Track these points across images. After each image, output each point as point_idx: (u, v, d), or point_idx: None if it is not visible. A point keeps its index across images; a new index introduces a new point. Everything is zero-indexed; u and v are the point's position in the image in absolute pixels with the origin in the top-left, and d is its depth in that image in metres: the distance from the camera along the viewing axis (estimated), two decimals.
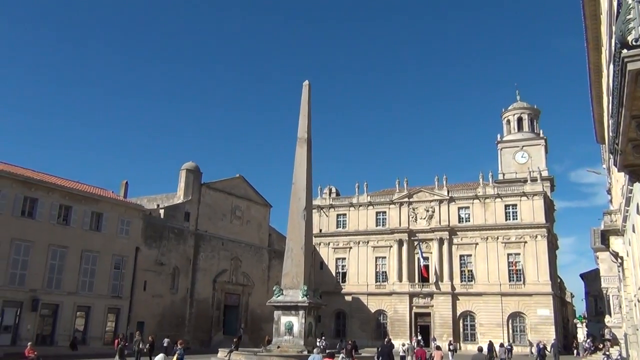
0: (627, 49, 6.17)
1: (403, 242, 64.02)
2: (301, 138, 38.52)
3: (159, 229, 49.81)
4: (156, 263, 48.78)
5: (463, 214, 63.10)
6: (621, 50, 6.26)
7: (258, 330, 56.41)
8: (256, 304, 58.27)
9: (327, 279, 65.57)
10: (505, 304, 58.30)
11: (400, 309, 62.42)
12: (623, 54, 6.20)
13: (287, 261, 36.46)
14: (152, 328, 45.12)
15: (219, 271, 55.80)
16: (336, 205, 69.76)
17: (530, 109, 78.39)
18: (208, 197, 55.86)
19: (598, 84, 23.24)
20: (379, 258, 65.82)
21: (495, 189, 62.43)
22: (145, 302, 46.76)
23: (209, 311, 54.27)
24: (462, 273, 61.40)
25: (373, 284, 65.19)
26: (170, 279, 50.40)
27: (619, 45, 6.36)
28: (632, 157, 8.21)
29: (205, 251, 54.61)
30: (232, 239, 57.75)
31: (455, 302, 60.46)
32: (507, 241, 59.92)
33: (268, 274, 61.86)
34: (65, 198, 40.88)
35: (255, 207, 62.34)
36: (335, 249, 68.20)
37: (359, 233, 67.03)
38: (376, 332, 61.31)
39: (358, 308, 64.73)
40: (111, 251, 43.74)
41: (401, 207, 65.56)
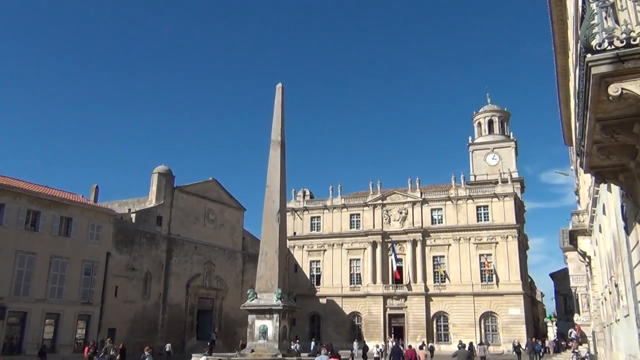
0: (591, 54, 6.30)
1: (377, 244, 64.35)
2: (275, 141, 38.40)
3: (131, 233, 49.10)
4: (128, 268, 48.06)
5: (436, 216, 63.72)
6: (586, 54, 6.39)
7: (232, 335, 56.02)
8: (230, 308, 57.89)
9: (301, 282, 65.50)
10: (477, 304, 59.07)
11: (374, 310, 62.70)
12: (587, 59, 6.34)
13: (261, 264, 36.23)
14: (124, 334, 44.46)
15: (192, 275, 55.23)
16: (310, 208, 69.75)
17: (501, 111, 79.64)
18: (181, 200, 55.29)
19: (566, 87, 23.72)
20: (353, 260, 66.03)
21: (467, 190, 63.24)
22: (117, 308, 46.01)
23: (182, 316, 53.68)
24: (435, 274, 61.96)
25: (347, 286, 65.35)
26: (142, 284, 49.72)
27: (583, 49, 6.50)
28: (597, 159, 8.38)
29: (178, 255, 54.03)
30: (206, 242, 57.27)
31: (429, 303, 60.99)
32: (479, 242, 60.74)
33: (242, 278, 61.53)
34: (33, 203, 39.99)
35: (229, 210, 61.95)
36: (310, 252, 68.18)
37: (333, 235, 67.15)
38: (351, 334, 61.46)
39: (332, 310, 64.81)
40: (81, 257, 42.93)
41: (375, 209, 65.91)
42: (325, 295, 65.68)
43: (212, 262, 57.84)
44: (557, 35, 21.16)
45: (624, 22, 6.44)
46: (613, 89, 6.19)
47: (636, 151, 7.62)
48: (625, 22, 6.40)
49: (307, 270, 67.72)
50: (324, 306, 65.35)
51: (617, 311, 13.79)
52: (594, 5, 6.61)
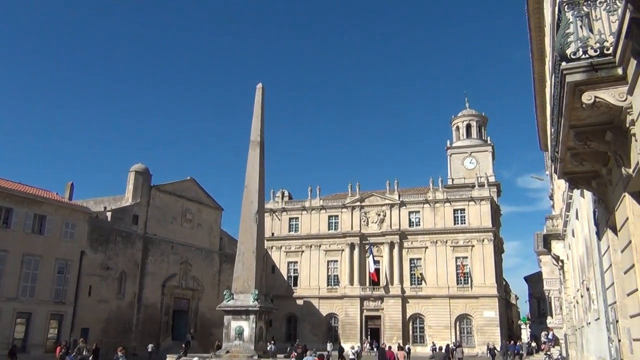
0: (566, 62, 6.44)
1: (355, 245, 64.55)
2: (254, 141, 38.25)
3: (106, 232, 48.45)
4: (102, 267, 47.41)
5: (413, 218, 64.18)
6: (561, 62, 6.53)
7: (208, 336, 55.62)
8: (206, 309, 57.48)
9: (278, 283, 65.38)
10: (453, 306, 59.63)
11: (351, 312, 62.87)
12: (562, 67, 6.47)
13: (238, 265, 36.08)
14: (97, 334, 43.82)
15: (168, 275, 54.71)
16: (289, 209, 69.68)
17: (479, 116, 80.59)
18: (158, 199, 54.74)
19: (542, 93, 24.11)
20: (331, 262, 66.14)
21: (444, 194, 63.83)
22: (90, 307, 45.32)
23: (157, 316, 53.11)
24: (412, 276, 62.40)
25: (325, 287, 65.43)
26: (116, 284, 49.09)
27: (558, 57, 6.64)
28: (571, 165, 8.55)
29: (154, 255, 53.46)
30: (182, 242, 56.80)
31: (405, 305, 61.39)
32: (456, 245, 61.34)
33: (219, 278, 61.13)
34: (5, 200, 39.19)
35: (207, 210, 61.53)
36: (288, 253, 68.10)
37: (311, 237, 67.16)
38: (327, 336, 61.54)
39: (309, 312, 64.80)
40: (54, 255, 42.20)
41: (353, 211, 66.11)
42: (302, 297, 65.65)
43: (189, 262, 57.39)
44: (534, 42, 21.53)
45: (598, 31, 6.60)
46: (587, 97, 6.33)
47: (608, 158, 7.80)
48: (599, 31, 6.55)
49: (285, 271, 67.62)
50: (301, 307, 65.31)
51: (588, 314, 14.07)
52: (569, 14, 6.76)
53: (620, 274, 7.95)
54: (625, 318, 7.82)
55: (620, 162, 6.90)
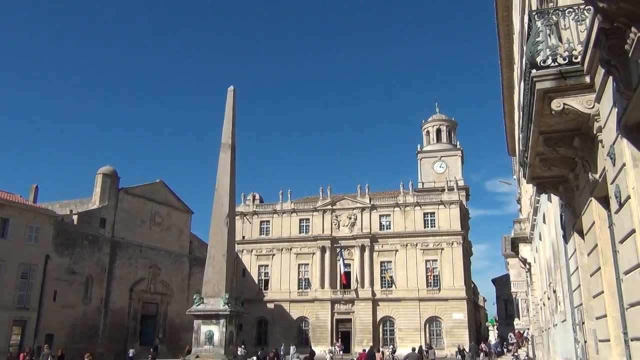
0: (536, 69, 6.58)
1: (326, 249, 64.61)
2: (225, 144, 38.05)
3: (72, 235, 47.42)
4: (68, 272, 46.37)
5: (384, 222, 64.59)
6: (531, 70, 6.67)
7: (177, 340, 54.87)
8: (175, 313, 56.74)
9: (249, 286, 64.94)
10: (423, 308, 60.16)
11: (322, 315, 62.84)
12: (532, 74, 6.61)
13: (209, 269, 35.74)
14: (63, 340, 42.81)
15: (137, 280, 53.84)
16: (260, 212, 69.35)
17: (448, 121, 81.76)
18: (126, 202, 53.87)
19: (510, 100, 24.59)
20: (302, 265, 66.03)
21: (414, 197, 64.45)
22: (55, 313, 44.27)
23: (124, 321, 52.18)
24: (383, 279, 62.75)
25: (295, 290, 65.25)
26: (83, 289, 48.09)
27: (529, 65, 6.78)
28: (539, 170, 8.74)
29: (122, 259, 52.56)
30: (151, 246, 55.95)
31: (376, 307, 61.67)
32: (426, 248, 61.96)
33: (188, 282, 60.44)
34: None
35: (176, 213, 60.81)
36: (259, 256, 67.73)
37: (282, 240, 66.93)
38: (298, 339, 61.35)
39: (280, 315, 64.52)
40: (18, 259, 41.12)
41: (324, 215, 66.18)
42: (273, 300, 65.31)
43: (158, 266, 56.58)
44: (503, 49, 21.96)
45: (567, 40, 6.77)
46: (556, 104, 6.48)
47: (575, 164, 7.99)
48: (568, 40, 6.72)
49: (255, 275, 67.22)
50: (272, 311, 64.97)
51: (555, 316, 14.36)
52: (539, 23, 6.91)
53: (587, 276, 8.14)
54: (591, 320, 8.01)
55: (587, 168, 7.08)
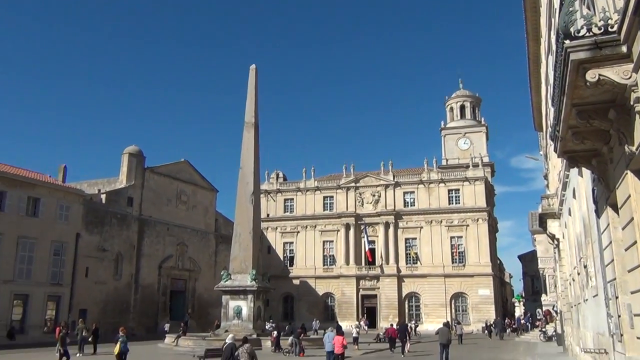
0: (570, 40, 6.39)
1: (350, 226, 64.82)
2: (248, 122, 38.31)
3: (101, 214, 48.41)
4: (98, 249, 47.47)
5: (408, 199, 64.42)
6: (564, 40, 6.48)
7: (205, 316, 56.03)
8: (203, 289, 57.82)
9: (275, 263, 65.67)
10: (448, 285, 60.20)
11: (347, 291, 63.36)
12: (566, 45, 6.42)
13: (235, 246, 36.39)
14: (95, 315, 44.01)
15: (165, 257, 54.92)
16: (283, 190, 69.74)
17: (472, 97, 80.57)
18: (152, 181, 54.65)
19: (537, 74, 24.06)
20: (327, 242, 66.44)
21: (439, 174, 64.04)
22: (88, 289, 45.50)
23: (154, 297, 53.42)
24: (408, 256, 62.84)
25: (321, 267, 65.83)
26: (113, 265, 49.23)
27: (562, 35, 6.58)
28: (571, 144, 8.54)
29: (150, 237, 53.55)
30: (178, 224, 56.85)
31: (401, 284, 61.91)
32: (450, 225, 61.72)
33: (215, 259, 61.38)
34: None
35: (202, 192, 61.52)
36: (283, 234, 68.33)
37: (306, 217, 67.36)
38: (324, 314, 62.05)
39: (306, 291, 65.28)
40: (50, 237, 42.18)
41: (348, 192, 66.26)
42: (298, 277, 66.05)
43: (185, 244, 57.55)
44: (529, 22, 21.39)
45: (602, 9, 6.56)
46: (591, 75, 6.30)
47: (610, 136, 7.81)
48: (603, 9, 6.51)
49: (281, 252, 67.91)
50: (298, 287, 65.77)
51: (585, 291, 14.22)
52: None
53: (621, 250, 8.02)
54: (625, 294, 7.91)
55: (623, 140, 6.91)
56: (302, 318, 57.95)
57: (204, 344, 28.65)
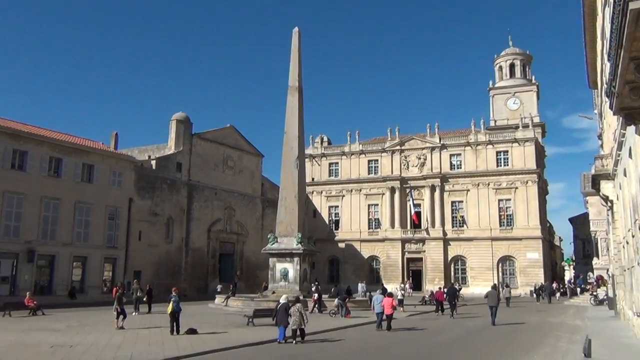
0: None
1: (395, 189, 64.56)
2: (292, 86, 38.23)
3: (152, 180, 49.79)
4: (150, 213, 49.02)
5: (455, 161, 63.47)
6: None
7: (253, 278, 57.46)
8: (251, 252, 59.14)
9: (320, 227, 66.39)
10: (495, 248, 59.50)
11: (392, 254, 63.59)
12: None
13: (281, 210, 36.94)
14: (149, 277, 45.74)
15: (213, 220, 56.29)
16: (328, 154, 69.84)
17: (523, 54, 77.71)
18: (199, 147, 55.64)
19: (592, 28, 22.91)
20: (372, 205, 66.53)
21: (486, 135, 62.59)
22: (141, 251, 47.26)
23: (204, 259, 55.07)
24: (454, 219, 62.31)
25: (366, 230, 66.13)
26: (164, 229, 50.81)
27: None
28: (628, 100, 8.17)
29: (199, 201, 54.88)
30: (225, 188, 57.96)
31: (447, 247, 61.62)
32: (498, 187, 60.58)
33: (262, 223, 62.48)
34: (55, 150, 40.50)
35: (247, 157, 62.29)
36: (328, 197, 68.77)
37: (351, 181, 67.45)
38: (369, 277, 62.53)
39: (351, 254, 65.90)
40: (104, 202, 43.76)
41: (393, 155, 65.77)
42: (344, 240, 66.64)
43: (232, 208, 58.76)
44: None
45: None
46: None
47: None
48: None
49: (326, 216, 68.50)
50: (343, 250, 66.44)
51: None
52: None
53: None
54: None
55: None
56: (348, 280, 58.73)
57: (252, 305, 29.57)
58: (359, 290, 46.15)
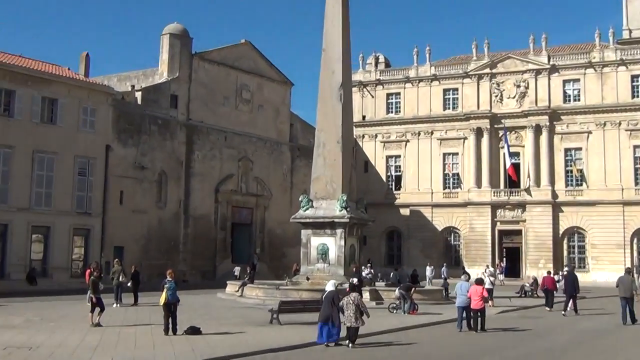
0: None
1: (483, 131, 63.73)
2: None
3: (137, 119, 50.11)
4: (135, 167, 49.39)
5: (570, 90, 62.43)
6: None
7: (279, 257, 58.05)
8: (275, 222, 59.54)
9: (374, 186, 66.39)
10: (628, 216, 58.68)
11: (478, 225, 63.23)
12: None
13: (318, 161, 36.86)
14: (135, 255, 46.61)
15: (223, 177, 56.67)
16: (386, 81, 69.23)
17: None
18: (203, 73, 55.64)
19: None
20: (448, 155, 66.09)
21: (617, 52, 61.02)
22: (124, 220, 47.88)
23: (211, 232, 55.74)
24: (568, 175, 61.58)
25: (440, 191, 65.91)
26: (155, 189, 51.31)
27: None
28: None
29: (202, 149, 55.12)
30: (239, 131, 58.05)
31: (557, 214, 61.05)
32: (634, 128, 59.34)
33: (291, 180, 62.64)
34: (5, 79, 40.95)
35: (270, 85, 62.08)
36: (386, 144, 68.46)
37: (419, 120, 66.92)
38: (444, 258, 62.45)
39: (418, 225, 65.87)
40: (72, 151, 44.36)
41: (480, 82, 64.84)
42: (407, 204, 66.57)
43: (249, 159, 58.87)
44: None
45: None
46: None
47: None
48: None
49: (383, 170, 68.36)
50: (407, 219, 66.45)
51: None
52: None
53: None
54: None
55: None
56: (413, 262, 58.76)
57: (277, 295, 29.90)
58: (427, 275, 46.25)
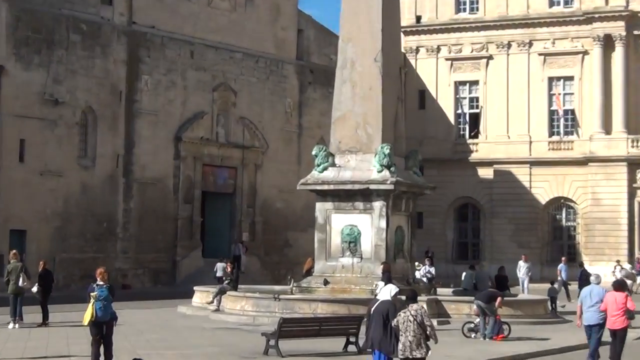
0: None
1: (613, 39, 63.32)
2: None
3: (47, 24, 50.03)
4: (45, 100, 49.37)
5: None
6: None
7: (280, 248, 58.26)
8: (274, 190, 59.76)
9: (436, 132, 66.39)
10: None
11: (607, 195, 63.06)
12: None
13: (344, 90, 36.56)
14: (45, 244, 46.99)
15: (188, 117, 56.66)
16: None
17: None
18: None
19: None
20: (558, 81, 65.81)
21: None
22: (26, 187, 48.09)
23: (168, 207, 55.91)
24: None
25: (544, 140, 65.84)
26: (77, 136, 51.43)
27: None
28: None
29: (154, 73, 55.00)
30: (214, 42, 58.01)
31: None
32: None
33: (299, 122, 62.54)
34: None
35: None
36: (455, 63, 68.21)
37: (509, 22, 66.62)
38: (549, 248, 62.49)
39: (508, 194, 65.81)
40: None
41: None
42: (490, 161, 66.48)
43: (231, 87, 58.72)
44: None
45: None
46: None
47: None
48: None
49: (450, 105, 68.15)
50: (489, 186, 66.35)
51: None
52: None
53: None
54: None
55: None
56: (500, 255, 58.87)
57: (276, 309, 29.84)
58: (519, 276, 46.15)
